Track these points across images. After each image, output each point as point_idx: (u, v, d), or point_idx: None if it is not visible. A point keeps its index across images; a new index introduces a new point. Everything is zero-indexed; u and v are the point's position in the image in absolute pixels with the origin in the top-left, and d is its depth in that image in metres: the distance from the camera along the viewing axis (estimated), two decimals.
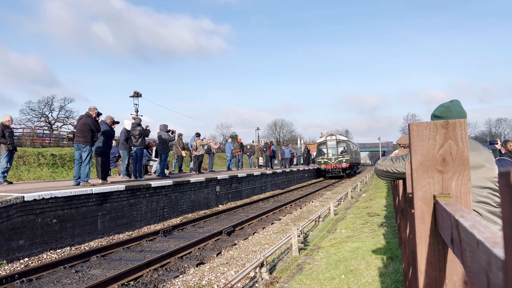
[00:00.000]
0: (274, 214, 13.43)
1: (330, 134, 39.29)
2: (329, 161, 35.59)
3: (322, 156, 36.46)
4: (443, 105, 2.40)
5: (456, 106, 2.35)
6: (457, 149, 1.23)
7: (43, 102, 52.95)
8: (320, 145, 37.67)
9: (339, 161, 35.23)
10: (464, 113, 2.33)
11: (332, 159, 35.58)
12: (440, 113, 2.37)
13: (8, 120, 11.62)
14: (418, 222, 1.26)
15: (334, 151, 36.19)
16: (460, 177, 1.22)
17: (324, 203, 15.44)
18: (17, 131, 32.02)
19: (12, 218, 7.52)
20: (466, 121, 1.24)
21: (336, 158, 35.44)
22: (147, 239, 9.52)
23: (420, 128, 1.25)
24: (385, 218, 10.03)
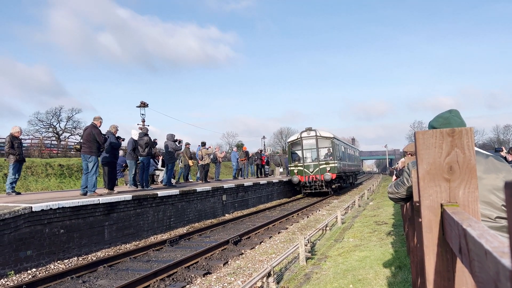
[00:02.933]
0: (281, 223, 13.37)
1: (307, 129, 24.83)
2: (306, 169, 23.98)
3: (295, 162, 24.63)
4: (441, 116, 2.35)
5: (455, 117, 2.30)
6: (464, 157, 1.22)
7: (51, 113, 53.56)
8: (292, 146, 25.26)
9: (320, 169, 23.66)
10: (464, 124, 2.28)
11: (310, 167, 23.95)
12: (439, 124, 2.32)
13: (17, 131, 11.75)
14: (426, 231, 1.25)
15: (314, 155, 24.43)
16: (468, 186, 1.21)
17: (331, 212, 15.35)
18: (25, 141, 32.30)
19: (20, 228, 7.56)
20: (473, 129, 1.23)
21: (317, 166, 23.78)
22: (154, 249, 9.51)
23: (426, 136, 1.25)
24: (393, 227, 9.94)
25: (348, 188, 32.23)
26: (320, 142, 24.35)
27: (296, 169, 24.17)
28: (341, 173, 25.77)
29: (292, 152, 25.13)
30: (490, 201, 2.01)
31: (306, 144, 24.45)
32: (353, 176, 36.13)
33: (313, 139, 24.40)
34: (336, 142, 25.29)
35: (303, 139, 24.55)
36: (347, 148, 31.85)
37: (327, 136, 24.60)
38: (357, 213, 14.24)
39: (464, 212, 1.12)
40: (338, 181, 25.51)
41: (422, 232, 1.27)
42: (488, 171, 2.07)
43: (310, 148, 24.37)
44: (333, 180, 23.78)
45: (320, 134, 24.44)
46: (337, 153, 25.18)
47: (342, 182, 27.81)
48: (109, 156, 11.67)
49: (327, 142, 24.47)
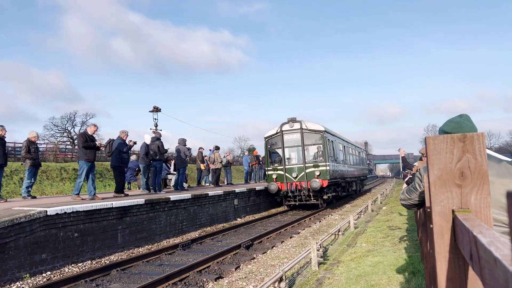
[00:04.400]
0: (293, 228, 13.31)
1: (289, 120, 18.89)
2: (288, 174, 18.24)
3: (274, 164, 18.85)
4: (452, 121, 2.33)
5: (466, 121, 2.28)
6: (476, 163, 1.21)
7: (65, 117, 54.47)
8: (270, 142, 19.24)
9: (307, 174, 17.90)
10: (475, 128, 2.27)
11: (294, 171, 18.18)
12: (450, 129, 2.30)
13: (34, 136, 11.97)
14: (437, 238, 1.24)
15: (298, 154, 18.60)
16: (480, 191, 1.20)
17: (344, 216, 15.23)
18: (41, 146, 32.83)
19: (35, 232, 7.68)
20: (485, 134, 1.22)
21: (302, 169, 18.06)
22: (166, 253, 9.55)
23: (437, 141, 1.24)
24: (407, 232, 9.82)
25: (350, 197, 26.08)
26: (306, 137, 18.27)
27: (275, 173, 18.37)
28: (336, 178, 19.60)
29: (270, 150, 19.14)
30: (504, 206, 1.98)
31: (288, 140, 18.53)
32: (358, 183, 29.40)
33: (297, 133, 18.29)
34: (329, 137, 18.97)
35: (284, 133, 18.48)
36: (348, 147, 25.45)
37: (316, 130, 18.28)
38: (370, 218, 14.11)
39: (476, 218, 1.10)
40: (334, 190, 19.60)
41: (434, 238, 1.26)
42: (501, 176, 2.03)
43: (294, 146, 18.51)
44: (325, 189, 17.78)
45: (306, 127, 18.25)
46: (331, 152, 18.98)
47: (341, 191, 21.52)
48: (116, 160, 11.93)
49: (316, 137, 18.27)
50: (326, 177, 17.84)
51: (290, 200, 18.63)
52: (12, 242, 7.11)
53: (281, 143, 18.61)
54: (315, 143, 18.46)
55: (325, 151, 18.19)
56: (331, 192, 19.08)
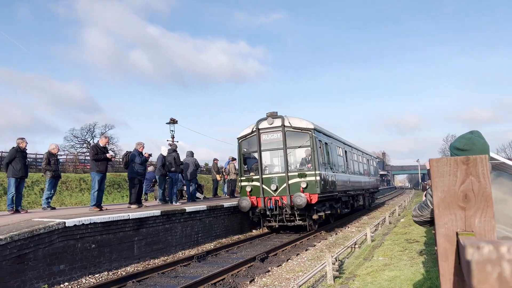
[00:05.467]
0: (309, 240, 13.20)
1: (269, 115, 14.65)
2: (266, 186, 14.21)
3: (250, 173, 14.98)
4: (464, 137, 2.33)
5: (478, 138, 2.27)
6: (479, 186, 1.21)
7: (85, 129, 55.56)
8: (244, 144, 15.27)
9: (290, 186, 13.86)
10: (487, 144, 2.25)
11: (273, 182, 14.17)
12: (462, 145, 2.29)
13: (54, 148, 12.26)
14: (441, 260, 1.24)
15: (280, 160, 14.62)
16: (483, 214, 1.20)
17: (361, 229, 15.04)
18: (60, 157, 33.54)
19: (54, 243, 7.82)
20: (487, 157, 1.22)
21: (283, 180, 14.02)
22: (181, 265, 9.59)
23: (440, 164, 1.25)
24: (425, 245, 9.63)
25: (355, 215, 21.35)
26: (290, 138, 14.23)
27: (250, 185, 14.34)
28: (333, 192, 15.31)
29: (245, 155, 15.26)
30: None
31: (266, 141, 14.44)
32: (366, 196, 24.73)
33: (277, 132, 14.24)
34: (320, 138, 14.87)
35: (262, 132, 14.43)
36: (352, 153, 21.07)
37: (302, 128, 14.17)
38: (387, 231, 13.89)
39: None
40: (330, 206, 15.37)
41: (438, 261, 1.25)
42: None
43: (274, 149, 14.41)
44: (314, 206, 13.69)
45: (290, 124, 14.10)
46: (324, 157, 14.82)
47: (341, 207, 17.21)
48: (130, 171, 12.26)
49: (303, 138, 14.19)
50: (316, 190, 13.53)
51: (271, 220, 14.36)
52: (31, 253, 7.26)
53: (257, 144, 14.36)
54: (302, 145, 14.22)
55: (315, 156, 13.82)
56: (326, 210, 14.71)
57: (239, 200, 14.22)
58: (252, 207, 14.15)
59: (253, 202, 14.12)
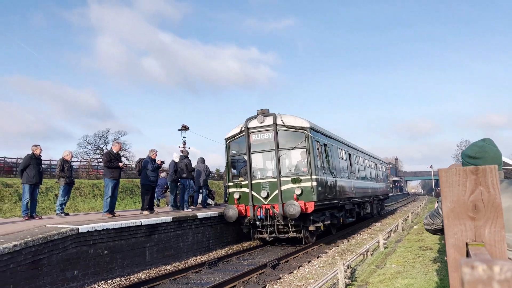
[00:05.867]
0: (320, 247, 13.12)
1: (260, 112, 13.16)
2: (256, 193, 12.78)
3: (239, 178, 13.72)
4: (476, 145, 2.31)
5: (490, 145, 2.25)
6: (489, 196, 1.20)
7: (98, 135, 56.24)
8: (233, 146, 13.96)
9: (283, 193, 12.37)
10: (499, 152, 2.24)
11: (264, 188, 12.72)
12: (474, 153, 2.27)
13: (67, 155, 12.44)
14: (451, 270, 1.23)
15: (272, 163, 13.22)
16: (493, 225, 1.19)
17: (373, 236, 14.90)
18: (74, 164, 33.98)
19: (67, 249, 7.92)
20: (497, 167, 1.22)
21: (274, 186, 12.56)
22: (192, 271, 9.61)
23: (449, 174, 1.25)
24: (439, 253, 9.50)
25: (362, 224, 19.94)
26: (283, 138, 12.77)
27: (238, 192, 12.96)
28: (333, 199, 13.85)
29: (233, 158, 13.93)
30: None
31: (256, 141, 13.02)
32: (375, 203, 23.29)
33: (269, 131, 12.81)
34: (318, 138, 13.32)
35: (251, 132, 13.05)
36: (357, 156, 19.44)
37: (296, 126, 12.67)
38: (400, 237, 13.73)
39: (486, 253, 1.10)
40: (331, 215, 13.96)
41: (449, 272, 1.25)
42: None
43: (264, 150, 13.01)
44: (311, 215, 12.21)
45: (283, 122, 12.69)
46: (322, 159, 13.33)
47: (345, 216, 15.79)
48: (143, 178, 12.39)
49: (298, 138, 12.64)
50: (312, 197, 11.98)
51: (262, 231, 12.81)
52: (45, 259, 7.36)
53: (246, 145, 12.94)
54: (297, 146, 12.65)
55: (311, 158, 12.29)
56: (326, 219, 13.35)
57: (224, 209, 12.63)
58: (241, 217, 12.69)
59: (241, 211, 12.64)
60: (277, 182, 12.42)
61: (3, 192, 22.76)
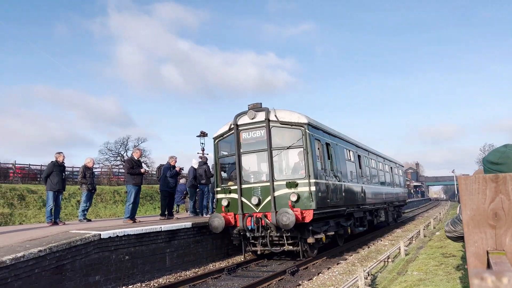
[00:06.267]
0: (340, 253, 12.99)
1: (251, 107, 11.50)
2: (246, 199, 11.13)
3: (228, 182, 12.11)
4: (498, 150, 2.27)
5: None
6: (510, 204, 1.20)
7: (119, 142, 57.19)
8: (221, 145, 12.35)
9: (276, 200, 10.74)
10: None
11: (255, 193, 11.06)
12: (496, 159, 2.24)
13: (89, 162, 12.71)
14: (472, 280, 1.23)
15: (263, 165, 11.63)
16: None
17: (394, 242, 14.67)
18: (96, 170, 34.60)
19: (90, 254, 8.07)
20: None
21: (267, 191, 10.93)
22: (212, 277, 9.65)
23: (469, 182, 1.24)
24: (462, 260, 9.28)
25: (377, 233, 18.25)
26: (277, 135, 11.28)
27: (227, 198, 11.49)
28: (337, 206, 12.17)
29: (222, 159, 12.40)
30: None
31: (247, 140, 11.53)
32: (390, 211, 21.35)
33: (261, 128, 11.32)
34: (317, 136, 11.65)
35: (241, 129, 11.58)
36: (368, 159, 17.68)
37: (292, 122, 11.10)
38: (422, 244, 13.47)
39: (506, 262, 1.09)
40: (336, 224, 12.53)
41: (469, 280, 1.24)
42: None
43: (256, 150, 11.48)
44: (310, 225, 10.66)
45: (277, 118, 11.15)
46: (323, 160, 11.65)
47: (354, 225, 14.23)
48: (161, 184, 12.56)
49: (294, 135, 11.09)
50: (310, 204, 10.40)
51: (255, 243, 11.27)
52: (69, 264, 7.52)
53: (236, 146, 11.42)
54: (293, 145, 11.07)
55: (309, 159, 10.70)
56: (329, 229, 11.79)
57: (209, 218, 11.12)
58: (230, 227, 11.20)
59: (229, 220, 11.07)
60: (270, 186, 10.82)
61: (28, 198, 23.37)
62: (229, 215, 11.21)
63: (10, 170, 31.70)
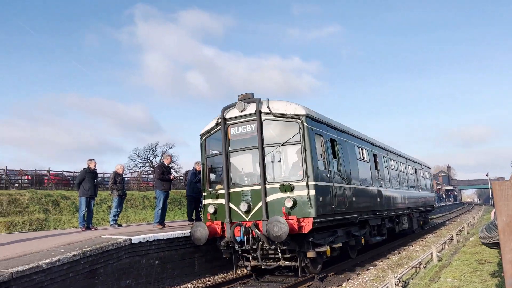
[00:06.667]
0: (370, 259, 12.76)
1: (241, 98, 10.04)
2: (234, 205, 9.59)
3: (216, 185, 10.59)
4: None
5: None
6: None
7: (147, 148, 58.29)
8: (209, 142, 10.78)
9: (270, 205, 9.10)
10: None
11: (245, 198, 9.49)
12: None
13: (119, 168, 13.04)
14: (509, 286, 1.19)
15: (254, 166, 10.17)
16: None
17: (426, 248, 14.29)
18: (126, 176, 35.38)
19: (121, 259, 8.26)
20: None
21: (258, 196, 9.25)
22: (240, 282, 9.67)
23: (503, 187, 1.21)
24: (498, 267, 8.94)
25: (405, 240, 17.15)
26: (270, 130, 9.85)
27: (213, 203, 10.05)
28: (346, 213, 10.60)
29: (209, 159, 10.81)
30: None
31: (236, 136, 10.10)
32: (415, 217, 19.16)
33: (251, 122, 9.85)
34: (319, 130, 10.04)
35: (230, 124, 10.14)
36: (385, 158, 15.59)
37: (288, 114, 9.52)
38: (455, 250, 13.07)
39: None
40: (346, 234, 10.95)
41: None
42: None
43: (247, 148, 10.00)
44: (310, 236, 9.15)
45: (270, 110, 9.63)
46: (327, 159, 10.03)
47: (371, 233, 12.77)
48: (188, 189, 12.75)
49: (290, 130, 9.55)
50: (309, 211, 8.75)
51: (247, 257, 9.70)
52: (101, 268, 7.72)
53: (223, 143, 9.99)
54: (290, 141, 9.42)
55: (307, 157, 9.06)
56: (337, 240, 10.23)
57: (191, 228, 9.62)
58: (217, 238, 9.68)
59: (215, 230, 9.50)
60: (261, 190, 9.16)
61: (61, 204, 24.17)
62: (216, 224, 9.64)
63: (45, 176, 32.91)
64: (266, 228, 8.50)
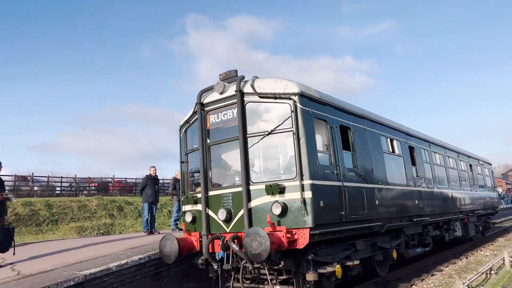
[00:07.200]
0: (434, 263, 12.18)
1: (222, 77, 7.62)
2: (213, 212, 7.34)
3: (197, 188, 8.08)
4: None
5: None
6: None
7: None
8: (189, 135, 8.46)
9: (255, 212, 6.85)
10: None
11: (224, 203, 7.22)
12: None
13: (178, 174, 13.50)
14: None
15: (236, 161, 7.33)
16: None
17: (496, 252, 13.38)
18: None
19: (183, 262, 8.56)
20: None
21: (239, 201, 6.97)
22: None
23: None
24: None
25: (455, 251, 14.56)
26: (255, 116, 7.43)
27: (191, 211, 7.92)
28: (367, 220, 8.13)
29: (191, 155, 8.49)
30: None
31: (215, 124, 7.85)
32: (471, 222, 15.96)
33: (233, 106, 7.49)
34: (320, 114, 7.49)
35: (209, 110, 7.89)
36: (426, 151, 12.78)
37: (276, 94, 7.08)
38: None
39: None
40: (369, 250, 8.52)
41: None
42: None
43: (229, 139, 7.61)
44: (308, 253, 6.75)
45: (255, 89, 7.18)
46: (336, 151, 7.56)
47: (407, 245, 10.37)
48: None
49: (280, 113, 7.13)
50: (303, 219, 6.54)
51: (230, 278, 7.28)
52: (165, 271, 8.06)
53: (200, 133, 7.80)
54: (279, 128, 7.11)
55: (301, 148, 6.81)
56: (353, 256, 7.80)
57: (160, 241, 7.38)
58: (194, 254, 7.69)
59: (190, 244, 7.51)
60: (243, 193, 6.94)
61: (125, 209, 25.51)
62: (194, 235, 7.61)
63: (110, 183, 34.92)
64: (244, 243, 6.25)
